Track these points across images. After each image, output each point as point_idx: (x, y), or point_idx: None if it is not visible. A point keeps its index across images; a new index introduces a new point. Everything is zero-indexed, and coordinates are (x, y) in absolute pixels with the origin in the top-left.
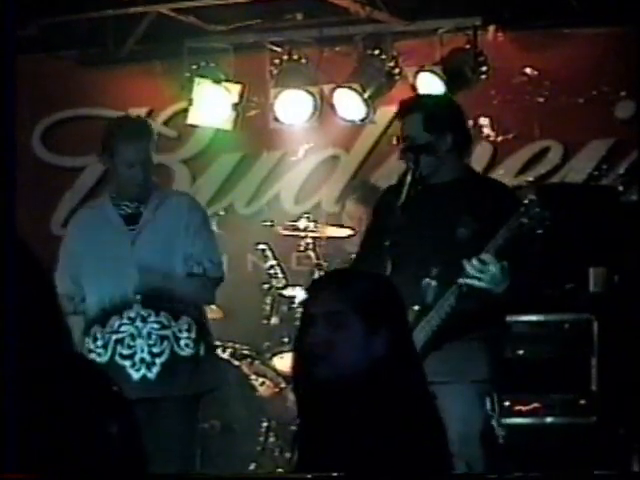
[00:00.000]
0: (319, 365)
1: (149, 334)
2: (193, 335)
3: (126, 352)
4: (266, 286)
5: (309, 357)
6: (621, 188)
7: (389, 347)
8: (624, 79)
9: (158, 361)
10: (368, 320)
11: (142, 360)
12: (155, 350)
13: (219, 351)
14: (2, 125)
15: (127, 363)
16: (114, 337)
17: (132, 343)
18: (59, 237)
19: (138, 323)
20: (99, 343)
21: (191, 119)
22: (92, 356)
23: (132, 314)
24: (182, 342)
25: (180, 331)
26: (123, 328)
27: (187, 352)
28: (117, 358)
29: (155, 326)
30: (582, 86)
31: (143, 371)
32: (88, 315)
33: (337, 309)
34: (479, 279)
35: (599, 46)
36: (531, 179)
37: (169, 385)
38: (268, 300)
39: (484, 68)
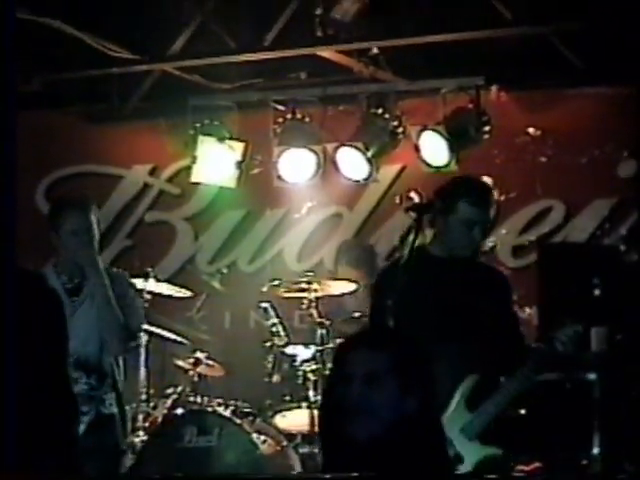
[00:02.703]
0: (354, 422)
1: (78, 394)
2: (114, 395)
3: None
4: (268, 344)
5: (344, 414)
6: (623, 248)
7: (421, 406)
8: (626, 139)
9: (85, 419)
10: (402, 379)
11: None
12: (83, 409)
13: (221, 409)
14: (4, 181)
15: None
16: None
17: None
18: None
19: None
20: None
21: (195, 176)
22: None
23: None
24: (107, 402)
25: (105, 393)
26: None
27: (110, 411)
28: None
29: (86, 387)
30: (585, 146)
31: None
32: None
33: (374, 369)
34: (570, 345)
35: (602, 106)
36: (533, 238)
37: (94, 440)
38: (270, 358)
39: (487, 127)
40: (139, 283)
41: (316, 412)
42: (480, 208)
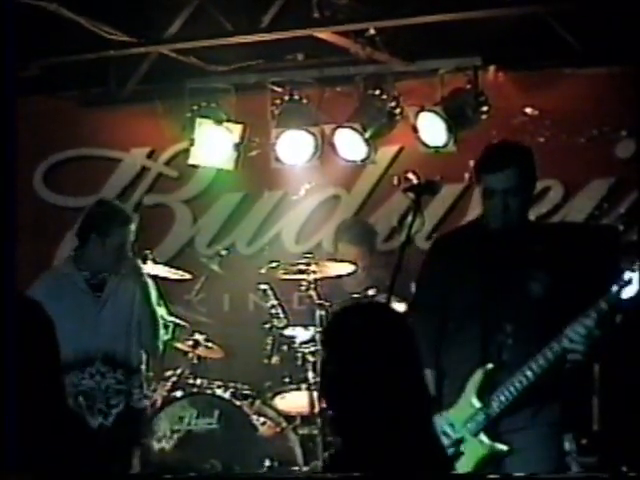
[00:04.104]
0: None
1: (107, 388)
2: (144, 390)
3: (86, 403)
4: (267, 326)
5: None
6: (622, 227)
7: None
8: (625, 119)
9: (114, 411)
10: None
11: (100, 410)
12: (112, 402)
13: (220, 391)
14: (3, 166)
15: (87, 412)
16: (75, 390)
17: (91, 395)
18: None
19: (97, 378)
20: None
21: (192, 159)
22: None
23: (93, 370)
24: (135, 396)
25: (134, 387)
26: (84, 382)
27: (139, 405)
28: (77, 409)
29: (113, 381)
30: (582, 126)
31: (100, 420)
32: None
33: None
34: (581, 344)
35: (599, 86)
36: (532, 219)
37: (123, 432)
38: (269, 340)
39: (485, 108)
40: None
41: (315, 394)
42: (496, 174)
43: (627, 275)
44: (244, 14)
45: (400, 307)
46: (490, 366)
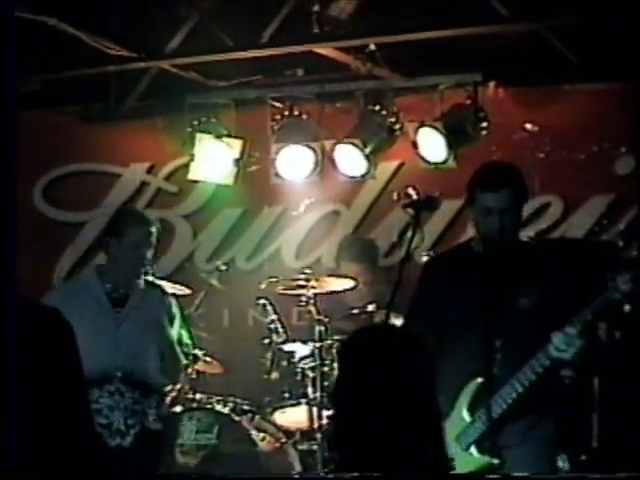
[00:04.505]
0: None
1: (125, 407)
2: (160, 412)
3: (104, 422)
4: (266, 341)
5: None
6: (621, 244)
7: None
8: (624, 135)
9: (132, 432)
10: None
11: (118, 430)
12: (130, 422)
13: (220, 406)
14: (4, 180)
15: (105, 432)
16: (93, 407)
17: (110, 414)
18: None
19: (117, 397)
20: None
21: (192, 174)
22: None
23: (112, 388)
24: (150, 417)
25: (150, 407)
26: (102, 400)
27: (154, 427)
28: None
29: (130, 400)
30: (582, 142)
31: (118, 440)
32: None
33: None
34: (566, 352)
35: (599, 102)
36: (532, 234)
37: (139, 453)
38: (268, 355)
39: (484, 124)
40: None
41: (315, 409)
42: (493, 192)
43: (611, 283)
44: (244, 29)
45: (399, 322)
46: (481, 380)
